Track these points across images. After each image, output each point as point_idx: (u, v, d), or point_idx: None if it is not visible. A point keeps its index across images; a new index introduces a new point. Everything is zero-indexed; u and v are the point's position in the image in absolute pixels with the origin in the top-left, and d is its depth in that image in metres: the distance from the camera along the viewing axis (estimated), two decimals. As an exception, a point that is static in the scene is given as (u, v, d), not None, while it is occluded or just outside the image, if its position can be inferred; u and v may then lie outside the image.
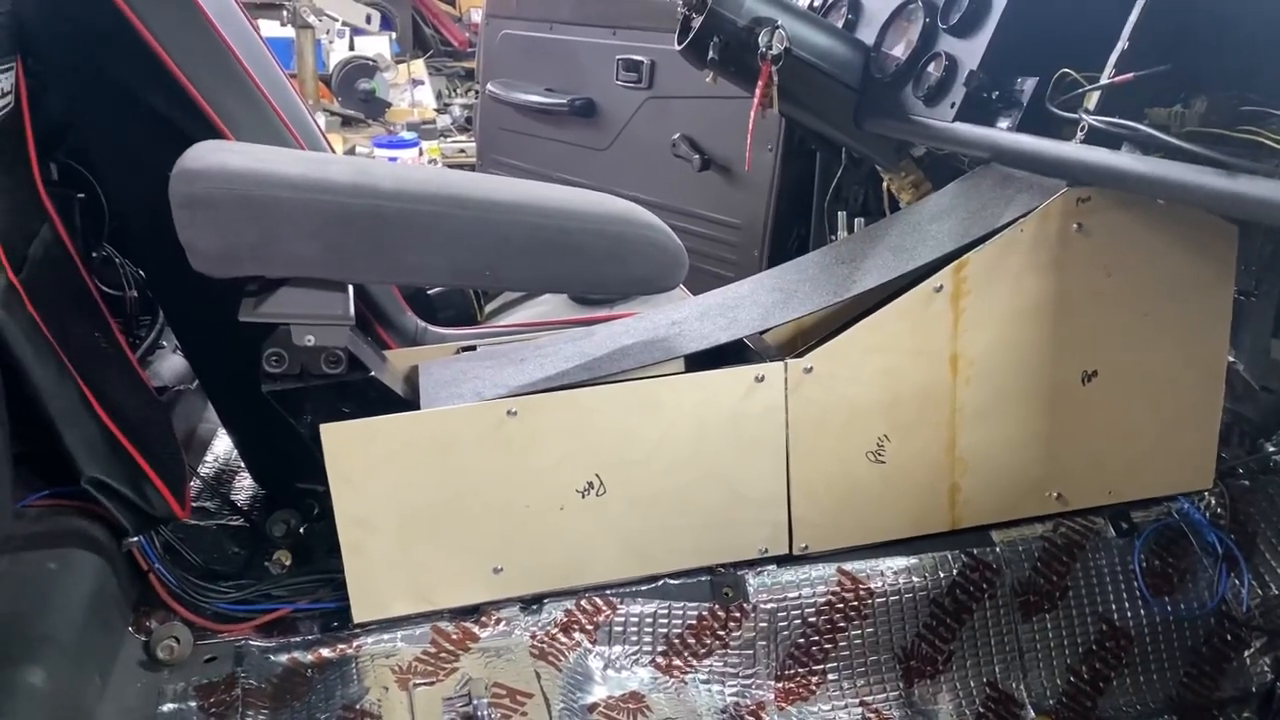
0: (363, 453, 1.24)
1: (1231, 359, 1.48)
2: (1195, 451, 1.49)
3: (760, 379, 1.32)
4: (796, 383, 1.34)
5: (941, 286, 1.34)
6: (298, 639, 1.31)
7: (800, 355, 1.34)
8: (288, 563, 1.43)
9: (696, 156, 2.65)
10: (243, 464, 1.69)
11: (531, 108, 3.04)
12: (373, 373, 1.27)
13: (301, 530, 1.49)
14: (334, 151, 1.78)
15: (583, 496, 1.32)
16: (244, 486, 1.71)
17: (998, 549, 1.45)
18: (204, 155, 1.15)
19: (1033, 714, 1.38)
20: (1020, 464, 1.44)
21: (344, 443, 1.23)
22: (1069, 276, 1.37)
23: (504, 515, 1.30)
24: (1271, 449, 1.53)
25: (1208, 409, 1.47)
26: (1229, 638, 1.45)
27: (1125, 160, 1.22)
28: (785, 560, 1.42)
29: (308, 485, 1.46)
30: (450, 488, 1.28)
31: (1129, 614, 1.45)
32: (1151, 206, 1.35)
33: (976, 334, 1.37)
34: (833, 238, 2.05)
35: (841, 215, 1.77)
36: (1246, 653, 1.45)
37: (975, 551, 1.44)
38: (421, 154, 4.25)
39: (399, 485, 1.26)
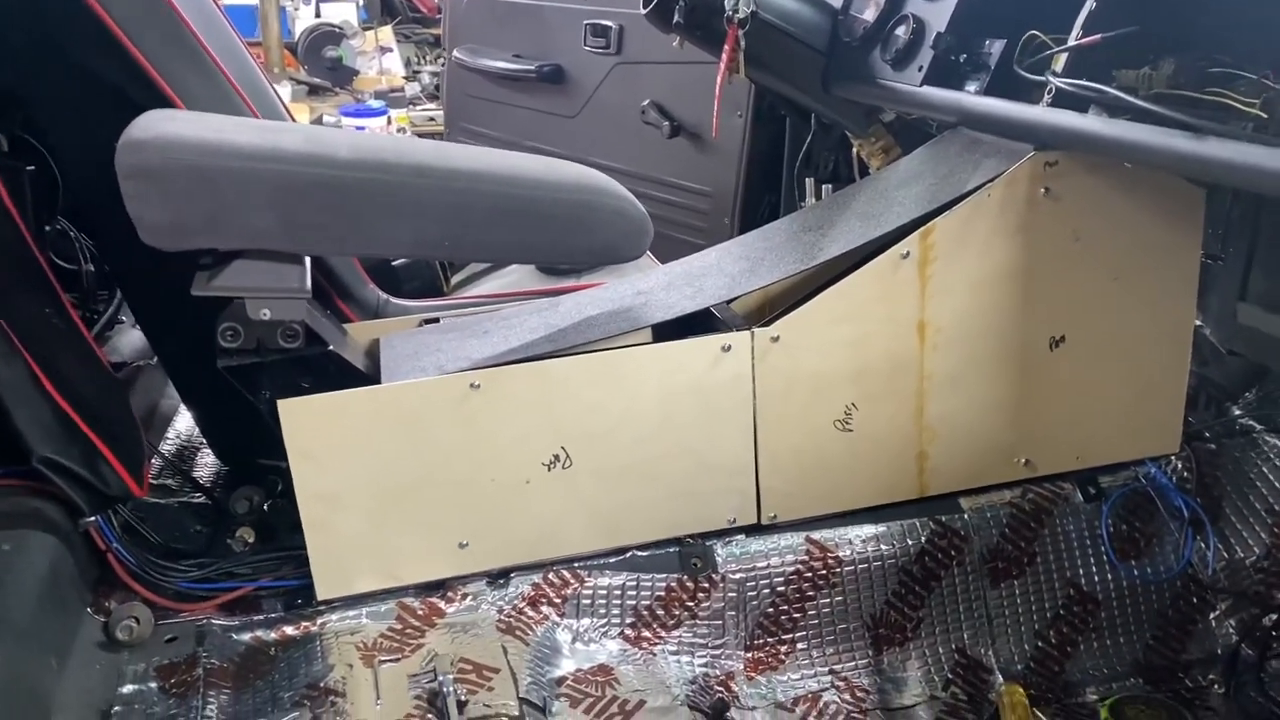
0: (322, 428, 1.22)
1: (1198, 323, 1.48)
2: (1162, 416, 1.49)
3: (727, 348, 1.31)
4: (763, 352, 1.32)
5: (908, 253, 1.33)
6: (260, 617, 1.29)
7: (767, 324, 1.32)
8: (251, 540, 1.42)
9: (666, 123, 2.62)
10: (205, 440, 1.67)
11: (499, 74, 2.99)
12: (331, 346, 1.25)
13: (265, 507, 1.46)
14: (294, 121, 1.74)
15: (549, 469, 1.31)
16: (206, 463, 1.69)
17: (966, 516, 1.45)
18: (151, 125, 1.12)
19: (1001, 680, 1.38)
20: (988, 431, 1.43)
21: (303, 418, 1.21)
22: (1036, 241, 1.36)
23: (469, 489, 1.29)
24: (1238, 412, 1.53)
25: (1175, 373, 1.47)
26: (1195, 601, 1.46)
27: (1092, 123, 1.21)
28: (754, 530, 1.41)
29: (270, 461, 1.44)
30: (413, 462, 1.26)
31: (1096, 579, 1.46)
32: (1119, 170, 1.34)
33: (944, 300, 1.36)
34: (802, 204, 2.04)
35: (809, 182, 1.76)
36: (1212, 615, 1.46)
37: (944, 519, 1.44)
38: (390, 123, 4.19)
39: (360, 460, 1.24)
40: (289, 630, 1.28)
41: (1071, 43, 1.27)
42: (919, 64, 1.55)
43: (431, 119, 4.45)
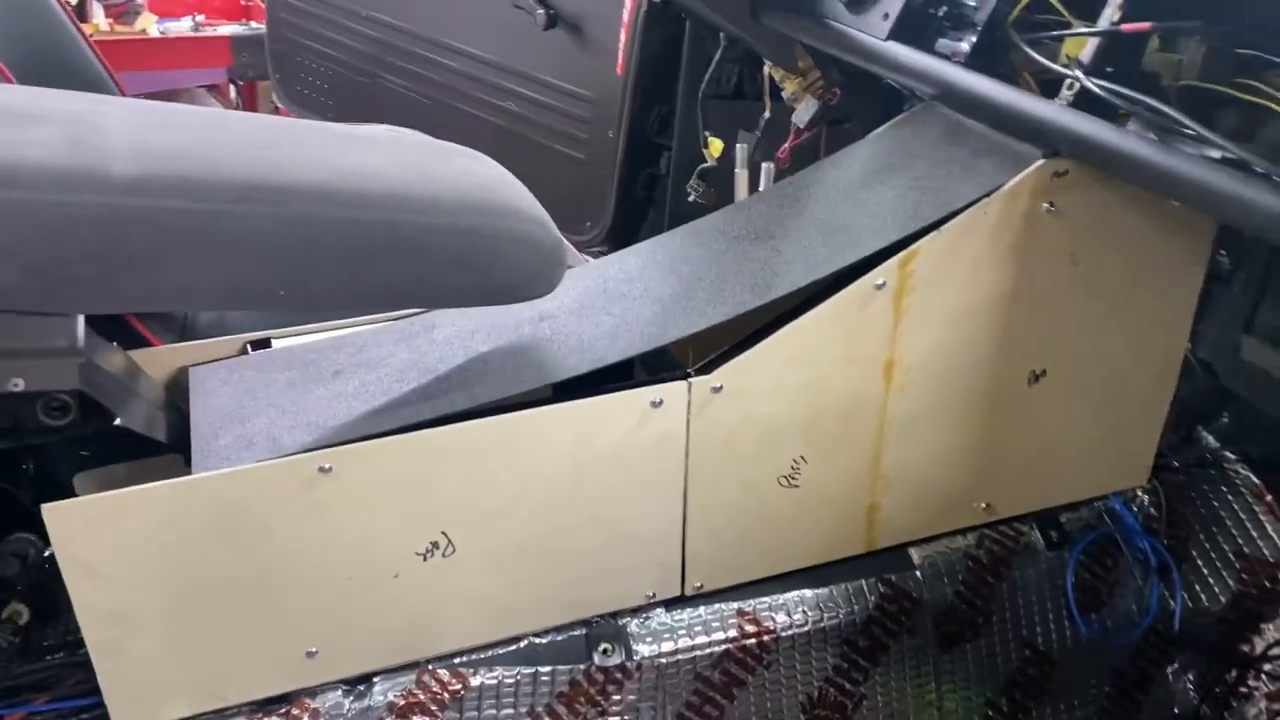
0: (106, 535, 0.88)
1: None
2: (1134, 449, 1.30)
3: (657, 403, 1.02)
4: (702, 404, 1.04)
5: (884, 283, 1.05)
6: (35, 762, 0.98)
7: (706, 369, 1.04)
8: (24, 620, 1.08)
9: (540, 9, 2.22)
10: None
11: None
12: (120, 420, 0.90)
13: (46, 563, 1.11)
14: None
15: (424, 559, 1.01)
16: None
17: (919, 574, 1.23)
18: None
19: (951, 762, 1.21)
20: (949, 476, 1.21)
21: (76, 525, 0.87)
22: (1031, 265, 1.11)
23: (317, 591, 0.98)
24: (1209, 439, 1.35)
25: (1156, 407, 1.27)
26: (1155, 656, 1.31)
27: (1134, 143, 0.95)
28: (675, 603, 1.16)
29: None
30: (240, 565, 0.94)
31: (1054, 636, 1.29)
32: (1130, 186, 1.09)
33: (918, 335, 1.10)
34: (709, 159, 1.73)
35: (766, 167, 1.45)
36: (1170, 669, 1.32)
37: (894, 579, 1.22)
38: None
39: (166, 567, 0.92)
40: (76, 778, 0.97)
41: (1105, 27, 1.00)
42: (885, 10, 1.24)
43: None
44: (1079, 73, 0.99)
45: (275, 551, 0.94)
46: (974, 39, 1.16)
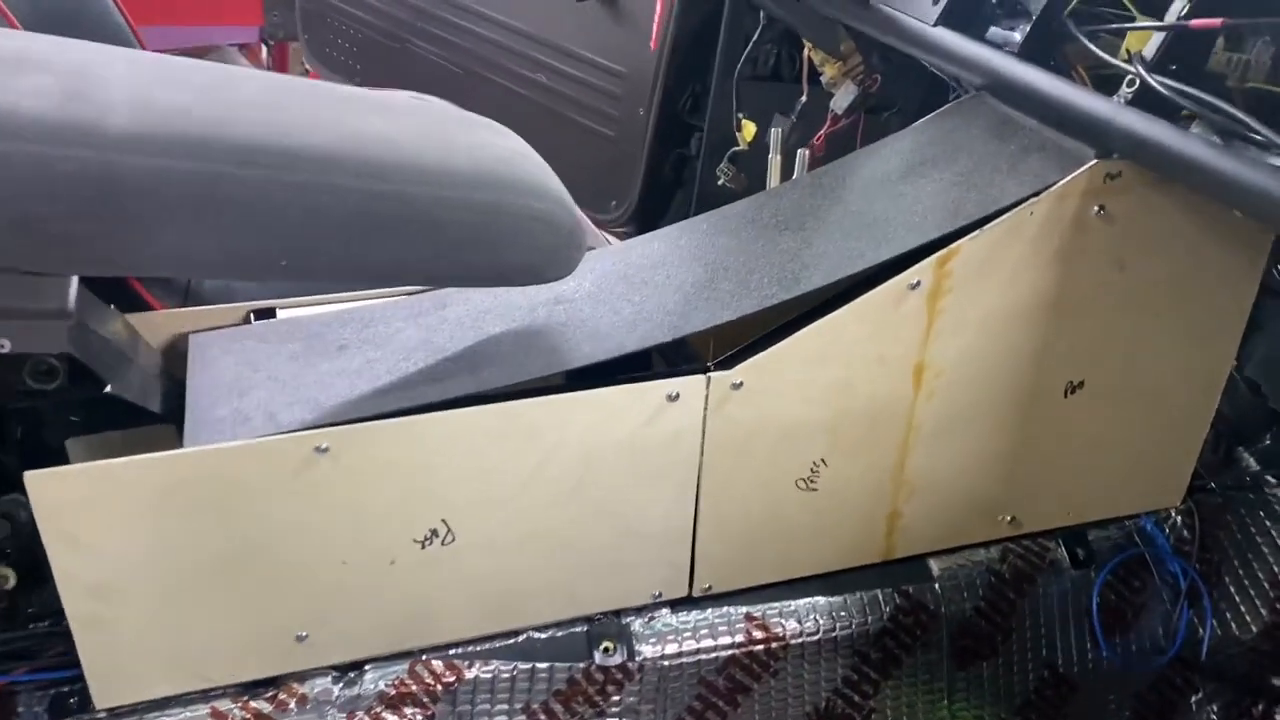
0: (91, 506, 0.84)
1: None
2: (1170, 467, 1.24)
3: (673, 397, 0.97)
4: (720, 401, 0.99)
5: (919, 283, 1.00)
6: (11, 733, 0.94)
7: (726, 363, 0.99)
8: (10, 584, 1.04)
9: (575, -21, 2.17)
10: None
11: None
12: (110, 387, 0.86)
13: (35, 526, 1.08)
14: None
15: (422, 546, 0.97)
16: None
17: (936, 585, 1.18)
18: None
19: (959, 785, 1.17)
20: (974, 486, 1.16)
21: (60, 494, 0.83)
22: (1076, 270, 1.05)
23: (310, 574, 0.94)
24: (1251, 460, 1.29)
25: (1196, 423, 1.21)
26: (1179, 684, 1.26)
27: (1199, 148, 0.89)
28: (682, 604, 1.12)
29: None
30: (230, 543, 0.90)
31: (1075, 659, 1.23)
32: (1184, 189, 1.03)
33: (951, 339, 1.04)
34: (741, 143, 1.67)
35: (801, 154, 1.40)
36: (1194, 699, 1.27)
37: (911, 590, 1.17)
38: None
39: (152, 542, 0.88)
40: (52, 752, 0.94)
41: (1174, 20, 0.93)
42: (935, -7, 1.18)
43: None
44: (1141, 69, 0.93)
45: (267, 532, 0.90)
46: (1027, 28, 1.10)
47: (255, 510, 0.89)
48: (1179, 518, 1.28)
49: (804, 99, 1.60)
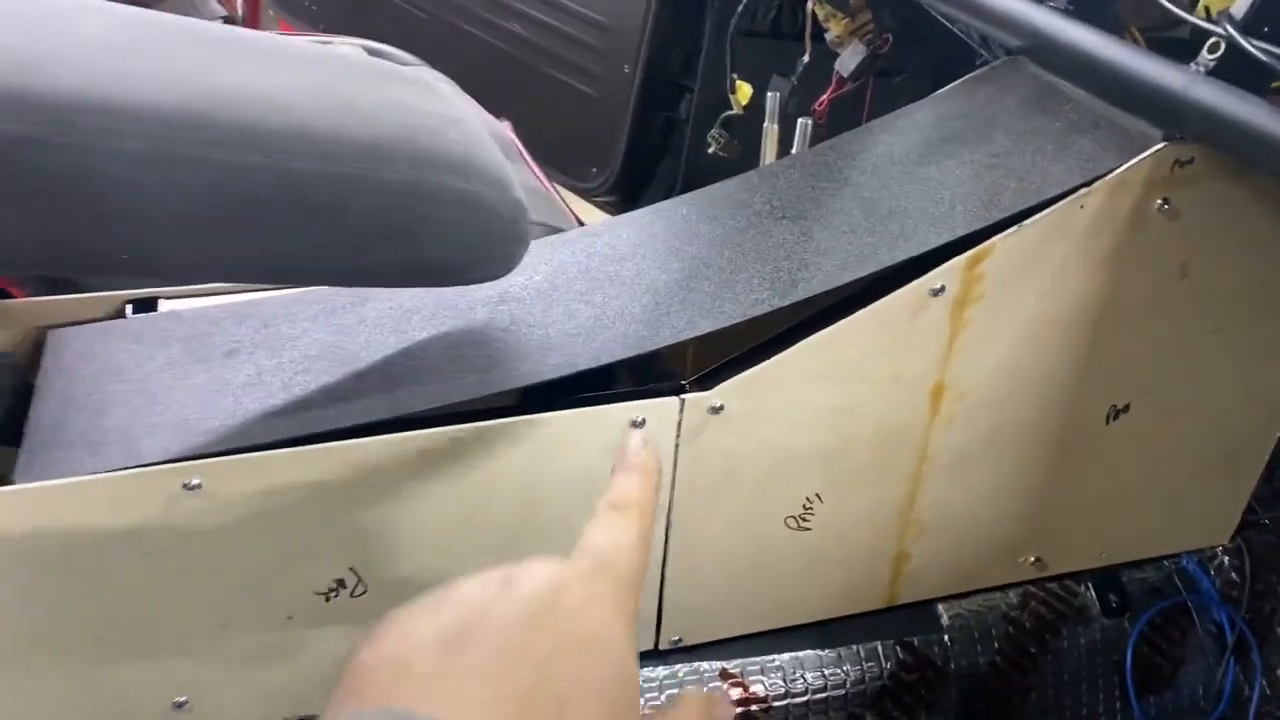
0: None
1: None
2: (1219, 500, 1.07)
3: (639, 423, 0.79)
4: (696, 427, 0.81)
5: (943, 288, 0.81)
6: None
7: (706, 383, 0.81)
8: None
9: (555, -77, 1.97)
10: None
11: None
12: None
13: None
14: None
15: (326, 599, 0.79)
16: None
17: (946, 636, 1.01)
18: None
19: None
20: (995, 524, 0.98)
21: None
22: (1130, 275, 0.87)
23: (184, 635, 0.77)
24: (1309, 492, 1.12)
25: (1254, 454, 1.04)
26: (1218, 750, 1.10)
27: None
28: (647, 657, 0.94)
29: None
30: (81, 599, 0.72)
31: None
32: (1262, 181, 0.85)
33: (978, 356, 0.87)
34: (735, 106, 1.48)
35: (803, 123, 1.21)
36: (1233, 765, 1.11)
37: (916, 642, 1.00)
38: None
39: (-20, 598, 0.70)
40: None
41: (1272, -30, 0.75)
42: (966, -63, 0.99)
43: None
44: (1231, 29, 0.74)
45: (125, 590, 0.72)
46: (1079, -19, 0.91)
47: (107, 564, 0.71)
48: (1226, 558, 1.11)
49: (806, 59, 1.41)
